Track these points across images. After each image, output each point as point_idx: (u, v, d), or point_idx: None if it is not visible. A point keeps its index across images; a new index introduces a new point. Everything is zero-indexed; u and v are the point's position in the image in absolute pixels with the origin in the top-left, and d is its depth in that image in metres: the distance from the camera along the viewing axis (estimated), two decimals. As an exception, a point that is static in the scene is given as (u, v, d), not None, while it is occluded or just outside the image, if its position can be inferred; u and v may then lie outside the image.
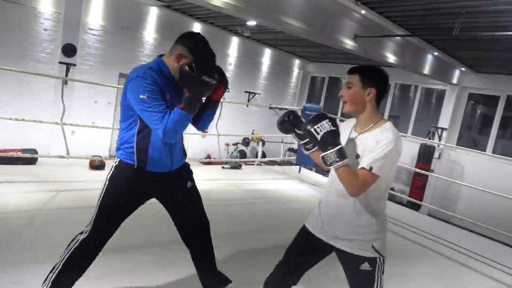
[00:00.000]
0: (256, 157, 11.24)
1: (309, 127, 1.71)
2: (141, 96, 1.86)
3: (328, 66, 12.84)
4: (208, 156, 10.61)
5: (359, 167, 1.69)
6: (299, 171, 6.93)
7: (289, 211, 4.73)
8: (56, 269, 2.02)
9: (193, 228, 2.27)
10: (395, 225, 4.69)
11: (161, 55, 2.04)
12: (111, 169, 2.07)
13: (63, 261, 2.02)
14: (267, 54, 11.84)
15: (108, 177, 2.06)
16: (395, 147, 1.68)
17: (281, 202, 5.11)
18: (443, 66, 8.97)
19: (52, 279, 2.01)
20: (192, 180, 2.27)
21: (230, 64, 10.96)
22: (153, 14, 9.08)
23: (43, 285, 2.03)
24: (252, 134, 11.14)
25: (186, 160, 2.30)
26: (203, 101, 2.06)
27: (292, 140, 11.38)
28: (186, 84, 1.87)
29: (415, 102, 10.95)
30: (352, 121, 1.98)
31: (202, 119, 2.17)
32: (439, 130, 9.86)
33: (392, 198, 9.13)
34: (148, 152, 2.01)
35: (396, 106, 11.68)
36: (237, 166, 6.59)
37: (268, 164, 9.49)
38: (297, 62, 12.92)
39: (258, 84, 11.91)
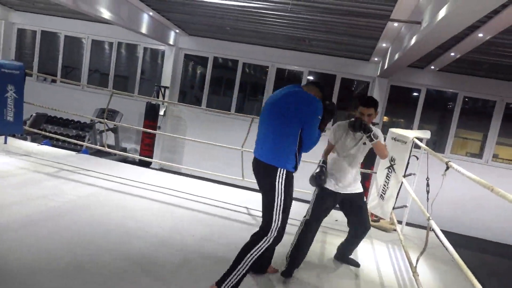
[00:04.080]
0: None
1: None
2: (319, 116, 2.62)
3: (41, 18, 11.10)
4: None
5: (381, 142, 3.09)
6: (5, 142, 5.82)
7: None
8: (237, 274, 2.48)
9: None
10: (131, 186, 4.72)
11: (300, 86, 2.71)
12: (280, 178, 2.55)
13: (246, 264, 2.49)
14: None
15: (283, 185, 2.55)
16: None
17: (-24, 182, 4.14)
18: (160, 27, 9.40)
19: (232, 282, 2.47)
20: None
21: None
22: None
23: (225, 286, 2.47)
24: None
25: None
26: None
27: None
28: (328, 115, 2.73)
29: (138, 62, 11.14)
30: (344, 124, 3.16)
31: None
32: (163, 89, 10.50)
33: (124, 159, 9.20)
34: (300, 159, 2.68)
35: (124, 66, 11.54)
36: None
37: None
38: (-6, 9, 10.47)
39: None
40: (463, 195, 9.13)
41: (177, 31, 10.07)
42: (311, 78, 10.40)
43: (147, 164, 9.00)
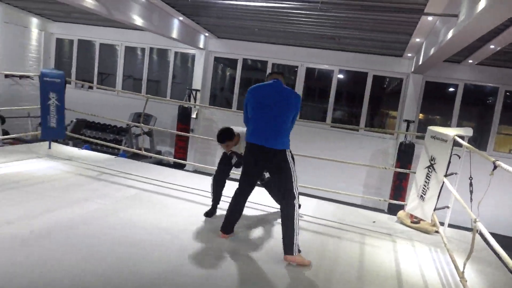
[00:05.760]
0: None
1: None
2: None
3: (77, 27, 11.57)
4: None
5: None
6: (49, 147, 6.10)
7: (34, 194, 4.11)
8: (296, 235, 3.08)
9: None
10: (168, 188, 4.85)
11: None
12: (291, 157, 3.26)
13: (297, 226, 3.11)
14: (-10, 9, 9.53)
15: (293, 161, 3.28)
16: None
17: (23, 186, 4.37)
18: (190, 31, 9.56)
19: (297, 242, 3.08)
20: None
21: None
22: None
23: (294, 250, 3.06)
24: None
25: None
26: None
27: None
28: None
29: (170, 66, 11.37)
30: None
31: None
32: (194, 92, 10.67)
33: (159, 162, 9.42)
34: None
35: (156, 71, 11.82)
36: (-43, 152, 5.18)
37: (14, 144, 7.95)
38: (35, 21, 11.01)
39: (-18, 47, 9.53)
40: (508, 194, 8.70)
41: (207, 34, 10.21)
42: (288, 76, 10.24)
43: (181, 166, 9.18)
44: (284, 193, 3.20)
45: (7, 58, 10.15)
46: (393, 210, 7.17)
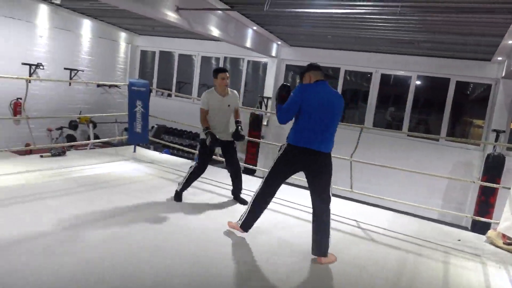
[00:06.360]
0: (88, 140, 10.21)
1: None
2: None
3: (159, 40, 12.44)
4: (28, 145, 9.09)
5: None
6: (134, 151, 6.62)
7: (122, 194, 4.48)
8: (329, 237, 3.24)
9: None
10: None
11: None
12: (330, 156, 3.28)
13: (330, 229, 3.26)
14: (87, 26, 10.65)
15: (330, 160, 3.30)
16: None
17: (112, 186, 4.79)
18: (263, 40, 9.76)
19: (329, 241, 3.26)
20: None
21: (41, 36, 9.44)
22: None
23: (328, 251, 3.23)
24: (80, 115, 10.02)
25: None
26: None
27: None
28: None
29: (242, 75, 11.69)
30: (212, 91, 4.54)
31: None
32: (265, 99, 10.84)
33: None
34: None
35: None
36: (60, 153, 5.84)
37: (103, 147, 8.78)
38: (123, 35, 12.07)
39: (80, 60, 10.67)
40: None
41: (279, 42, 10.34)
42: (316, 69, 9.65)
43: (251, 172, 9.35)
44: (322, 196, 3.22)
45: (100, 69, 11.27)
46: (478, 228, 6.56)
